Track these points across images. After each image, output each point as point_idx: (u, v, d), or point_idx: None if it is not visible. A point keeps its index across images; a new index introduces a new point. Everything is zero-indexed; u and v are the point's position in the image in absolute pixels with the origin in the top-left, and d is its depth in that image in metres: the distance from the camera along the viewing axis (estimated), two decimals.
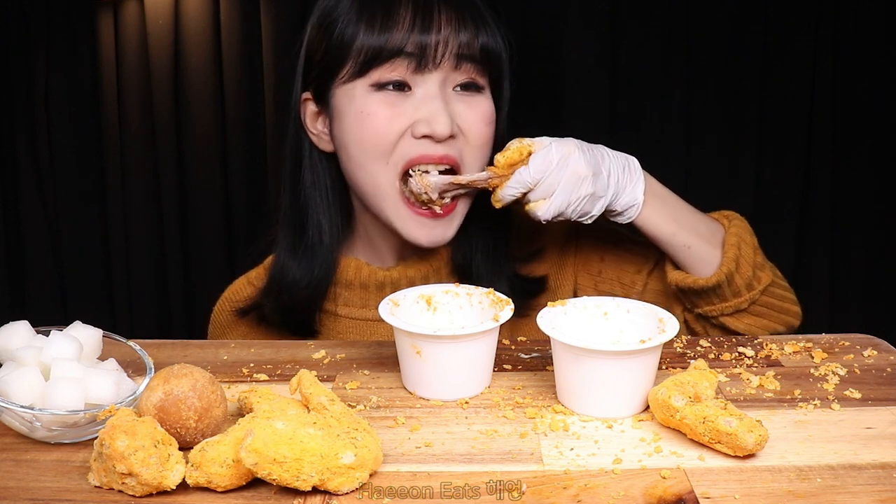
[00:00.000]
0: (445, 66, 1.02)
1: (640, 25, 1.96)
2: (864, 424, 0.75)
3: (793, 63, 1.96)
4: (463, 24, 1.02)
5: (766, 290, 1.04)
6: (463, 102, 1.04)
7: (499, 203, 1.00)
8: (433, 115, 1.00)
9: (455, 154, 1.03)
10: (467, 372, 0.82)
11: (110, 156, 2.08)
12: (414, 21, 1.00)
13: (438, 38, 1.00)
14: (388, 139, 1.01)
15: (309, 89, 1.09)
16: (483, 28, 1.04)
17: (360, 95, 1.02)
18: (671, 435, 0.74)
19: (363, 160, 1.04)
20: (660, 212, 1.02)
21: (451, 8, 1.02)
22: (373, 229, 1.13)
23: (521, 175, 0.97)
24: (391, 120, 1.01)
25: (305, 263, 1.10)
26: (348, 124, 1.04)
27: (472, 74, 1.04)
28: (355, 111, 1.02)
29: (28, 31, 1.98)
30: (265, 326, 1.14)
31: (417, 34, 1.00)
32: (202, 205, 2.11)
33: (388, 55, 1.00)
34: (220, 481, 0.66)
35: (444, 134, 1.00)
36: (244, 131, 2.07)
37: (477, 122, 1.04)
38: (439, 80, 1.01)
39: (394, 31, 1.00)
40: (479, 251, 1.12)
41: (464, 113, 1.03)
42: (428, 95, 1.01)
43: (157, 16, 2.00)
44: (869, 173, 2.01)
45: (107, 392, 0.75)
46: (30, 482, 0.68)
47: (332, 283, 1.13)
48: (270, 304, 1.11)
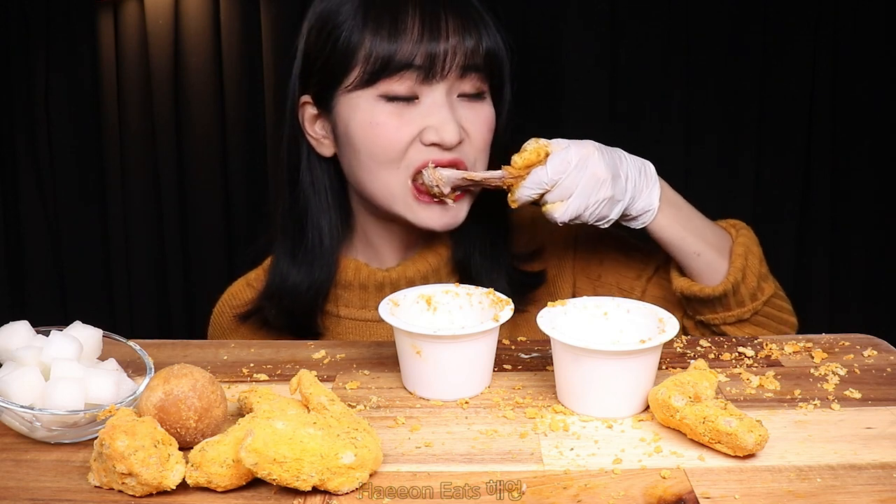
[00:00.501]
0: (451, 76, 1.02)
1: (640, 25, 1.96)
2: (864, 424, 0.75)
3: (793, 63, 1.96)
4: (468, 30, 1.02)
5: (768, 300, 1.04)
6: (467, 108, 1.05)
7: (515, 203, 0.99)
8: (441, 125, 1.01)
9: (464, 158, 1.04)
10: (467, 372, 0.82)
11: (110, 156, 2.08)
12: (423, 30, 1.00)
13: (447, 46, 1.01)
14: (398, 147, 1.02)
15: (308, 93, 1.08)
16: (486, 32, 1.04)
17: (367, 105, 1.03)
18: (671, 435, 0.74)
19: (373, 167, 1.04)
20: (673, 218, 1.01)
21: (456, 14, 1.02)
22: (372, 230, 1.13)
23: (539, 175, 0.96)
24: (400, 129, 1.02)
25: (306, 267, 1.10)
26: (355, 132, 1.04)
27: (475, 83, 1.05)
28: (363, 121, 1.03)
29: (28, 31, 1.98)
30: (266, 330, 1.14)
31: (427, 43, 1.00)
32: (202, 205, 2.11)
33: (398, 67, 1.00)
34: (220, 481, 0.66)
35: (453, 142, 1.02)
36: (244, 131, 2.07)
37: (480, 127, 1.05)
38: (445, 89, 1.03)
39: (402, 40, 1.00)
40: (476, 250, 1.13)
41: (468, 119, 1.04)
42: (435, 104, 1.02)
43: (157, 16, 2.00)
44: (869, 173, 2.01)
45: (107, 392, 0.75)
46: (30, 482, 0.68)
47: (332, 284, 1.12)
48: (273, 310, 1.11)
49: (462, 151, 1.03)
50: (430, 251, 1.14)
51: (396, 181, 1.04)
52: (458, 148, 1.03)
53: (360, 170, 1.06)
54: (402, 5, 1.01)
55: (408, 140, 1.02)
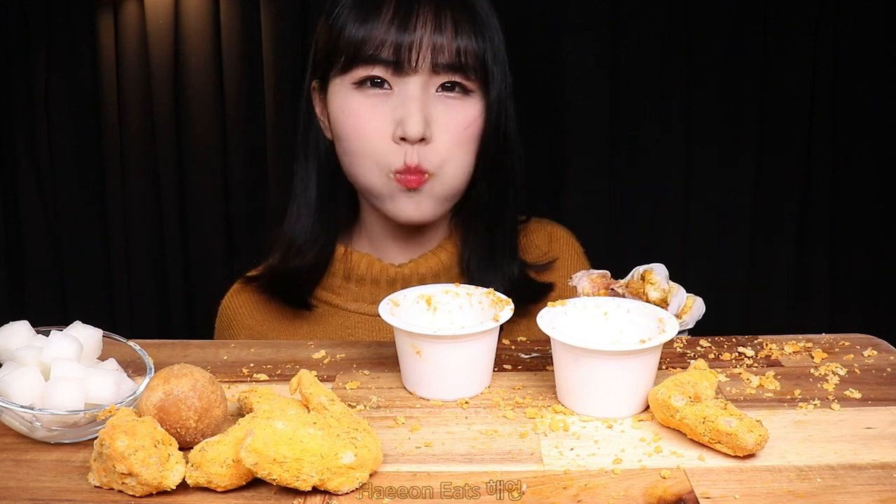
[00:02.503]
0: (424, 71, 1.03)
1: (640, 25, 1.95)
2: (864, 424, 0.75)
3: (793, 63, 1.95)
4: (442, 25, 1.03)
5: None
6: (444, 105, 1.05)
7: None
8: (406, 117, 1.03)
9: (429, 167, 1.05)
10: (467, 372, 0.82)
11: (110, 156, 2.07)
12: (393, 19, 1.02)
13: (413, 38, 1.02)
14: (368, 137, 1.06)
15: (315, 79, 1.13)
16: (465, 29, 1.04)
17: (343, 92, 1.07)
18: (671, 435, 0.74)
19: (351, 154, 1.08)
20: None
21: (433, 8, 1.03)
22: (371, 220, 1.16)
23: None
24: (371, 121, 1.05)
25: (311, 238, 1.14)
26: (335, 119, 1.08)
27: (453, 79, 1.05)
28: (338, 108, 1.07)
29: (28, 31, 1.97)
30: (265, 297, 1.16)
31: (395, 33, 1.02)
32: (202, 205, 2.10)
33: (367, 57, 1.03)
34: (220, 481, 0.66)
35: (416, 136, 1.02)
36: (244, 131, 2.06)
37: (453, 127, 1.06)
38: (421, 83, 1.03)
39: (374, 28, 1.02)
40: (476, 254, 1.14)
41: (441, 116, 1.05)
42: (407, 97, 1.03)
43: (157, 16, 2.00)
44: (869, 173, 2.01)
45: (107, 392, 0.75)
46: (30, 482, 0.68)
47: (335, 272, 1.14)
48: (269, 274, 1.15)
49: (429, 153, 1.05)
50: (441, 249, 1.16)
51: (372, 172, 1.06)
52: (426, 148, 1.04)
53: (343, 155, 1.10)
54: None
55: (378, 133, 1.04)
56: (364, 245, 1.17)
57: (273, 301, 1.16)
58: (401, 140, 1.04)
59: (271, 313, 1.16)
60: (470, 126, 1.07)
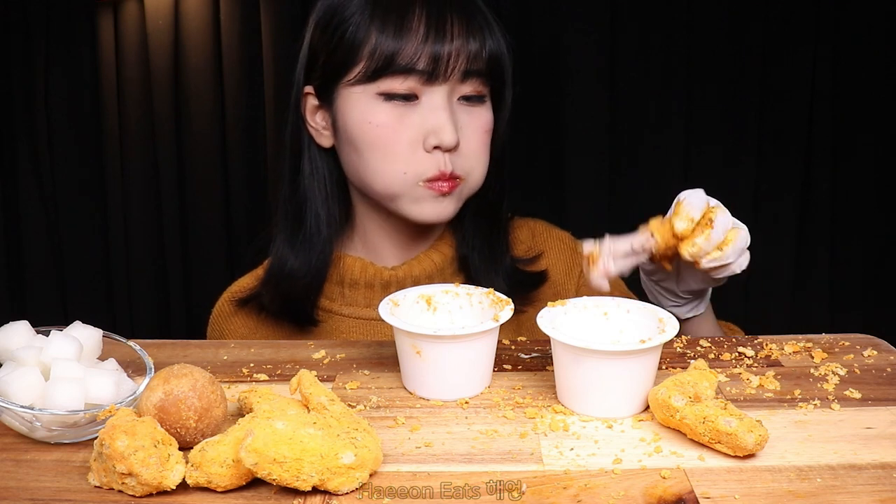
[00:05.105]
0: (453, 79, 1.03)
1: (640, 26, 1.96)
2: (864, 424, 0.75)
3: (793, 63, 1.96)
4: (472, 32, 1.04)
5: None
6: (465, 112, 1.07)
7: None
8: (440, 127, 1.03)
9: (461, 172, 1.06)
10: (467, 372, 0.82)
11: (110, 156, 2.08)
12: (428, 31, 1.01)
13: (451, 48, 1.02)
14: (396, 149, 1.04)
15: (311, 84, 1.10)
16: (490, 35, 1.05)
17: (366, 102, 1.04)
18: (671, 435, 0.74)
19: (371, 162, 1.06)
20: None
21: (462, 16, 1.03)
22: (370, 225, 1.14)
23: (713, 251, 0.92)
24: (398, 132, 1.04)
25: (303, 254, 1.11)
26: (352, 127, 1.06)
27: (476, 86, 1.06)
28: (360, 118, 1.05)
29: (28, 31, 1.97)
30: (265, 316, 1.15)
31: (431, 44, 1.01)
32: (202, 205, 2.11)
33: (401, 65, 1.02)
34: (220, 481, 0.66)
35: (452, 144, 1.03)
36: (244, 131, 2.07)
37: (477, 131, 1.07)
38: (446, 92, 1.04)
39: (407, 39, 1.01)
40: (476, 249, 1.14)
41: (466, 123, 1.06)
42: (435, 106, 1.03)
43: (157, 16, 2.00)
44: (869, 173, 2.01)
45: (107, 392, 0.75)
46: (30, 482, 0.68)
47: (328, 277, 1.13)
48: (269, 294, 1.12)
49: (459, 159, 1.05)
50: (434, 250, 1.15)
51: (397, 179, 1.05)
52: (456, 154, 1.05)
53: (358, 163, 1.07)
54: (409, 4, 1.02)
55: (406, 143, 1.04)
56: (357, 248, 1.16)
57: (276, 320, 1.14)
58: (433, 149, 1.04)
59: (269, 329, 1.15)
60: (489, 129, 1.09)
